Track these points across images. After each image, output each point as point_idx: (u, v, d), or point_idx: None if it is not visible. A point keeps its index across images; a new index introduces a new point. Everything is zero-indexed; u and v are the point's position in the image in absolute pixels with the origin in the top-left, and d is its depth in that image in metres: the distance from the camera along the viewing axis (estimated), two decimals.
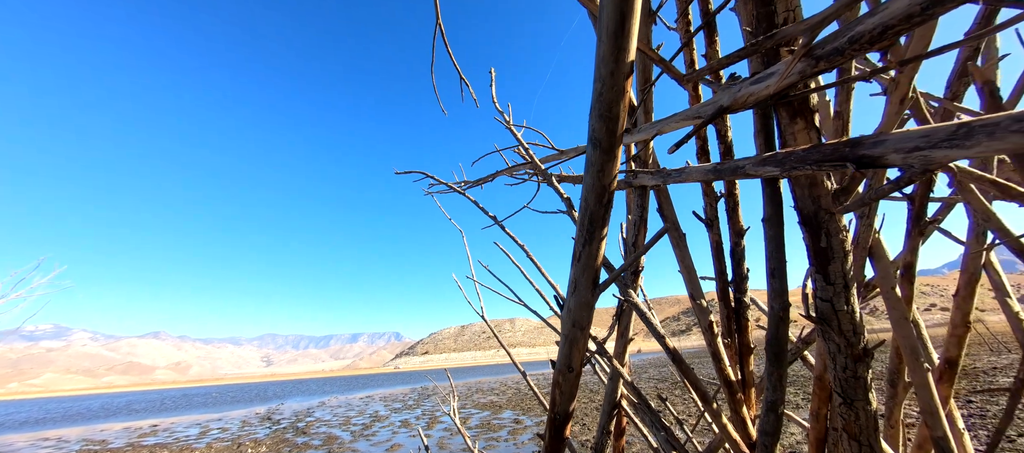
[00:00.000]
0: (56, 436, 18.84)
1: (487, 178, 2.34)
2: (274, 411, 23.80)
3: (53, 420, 29.42)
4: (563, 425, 0.89)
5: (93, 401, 64.00)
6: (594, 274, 0.68)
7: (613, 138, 0.55)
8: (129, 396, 78.50)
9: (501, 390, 27.06)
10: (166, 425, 20.47)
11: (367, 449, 10.84)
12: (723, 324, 1.33)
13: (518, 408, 16.95)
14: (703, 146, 1.22)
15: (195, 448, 12.65)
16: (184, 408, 32.87)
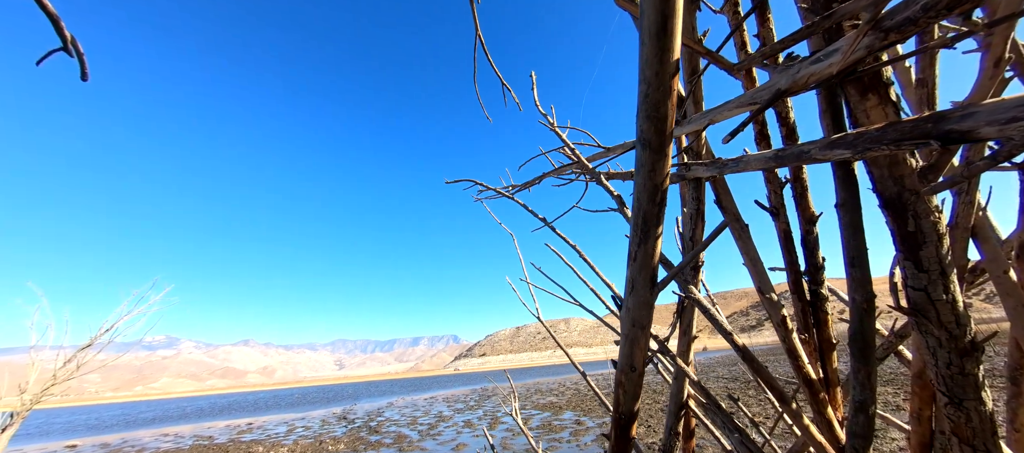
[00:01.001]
0: (173, 432, 21.81)
1: (534, 181, 2.37)
2: (349, 411, 25.63)
3: (170, 418, 34.09)
4: (628, 425, 0.89)
5: (200, 401, 73.13)
6: (652, 272, 0.68)
7: (662, 137, 0.55)
8: (228, 397, 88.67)
9: (560, 391, 26.88)
10: (259, 423, 22.86)
11: (434, 448, 11.30)
12: (798, 318, 1.24)
13: (578, 409, 16.73)
14: (762, 131, 1.15)
15: (284, 444, 13.99)
16: (273, 408, 36.48)
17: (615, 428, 0.91)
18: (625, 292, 0.74)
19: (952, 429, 0.86)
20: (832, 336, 1.23)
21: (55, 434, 26.94)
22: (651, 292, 0.69)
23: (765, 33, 1.06)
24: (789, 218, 1.20)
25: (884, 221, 0.77)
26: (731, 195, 1.17)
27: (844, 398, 1.32)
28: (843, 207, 0.77)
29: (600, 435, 10.72)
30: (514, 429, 12.96)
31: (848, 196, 0.77)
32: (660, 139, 0.55)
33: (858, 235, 0.77)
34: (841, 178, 0.77)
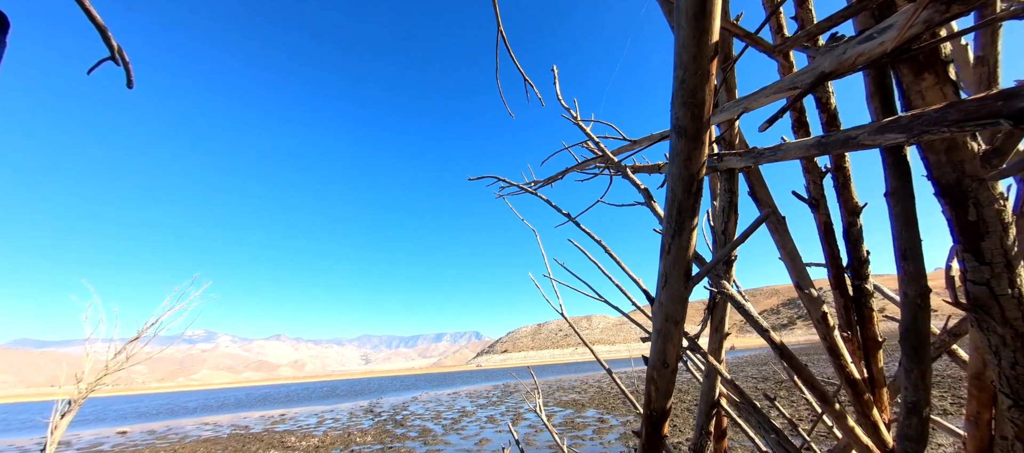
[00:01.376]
0: (213, 422, 23.00)
1: (557, 176, 2.35)
2: (375, 405, 26.33)
3: (209, 408, 35.94)
4: (660, 422, 0.87)
5: (237, 393, 76.79)
6: (686, 266, 0.65)
7: (699, 124, 0.53)
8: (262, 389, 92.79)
9: (582, 388, 26.73)
10: (291, 414, 23.79)
11: (458, 442, 11.45)
12: (840, 315, 1.18)
13: (601, 407, 16.58)
14: (800, 119, 1.09)
15: (314, 435, 14.52)
16: (304, 400, 37.87)
17: (646, 425, 0.89)
18: (657, 286, 0.72)
19: (1016, 434, 0.80)
20: (877, 334, 1.17)
21: (108, 421, 28.89)
22: (685, 286, 0.67)
23: (804, 15, 1.00)
24: (830, 210, 1.14)
25: (940, 210, 0.72)
26: (766, 186, 1.12)
27: (890, 399, 1.25)
28: (894, 196, 0.72)
29: (629, 432, 10.60)
30: (537, 425, 12.98)
31: (900, 184, 0.72)
32: (697, 126, 0.53)
33: (911, 226, 0.72)
34: (892, 165, 0.72)
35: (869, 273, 1.14)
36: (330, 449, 11.56)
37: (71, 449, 15.23)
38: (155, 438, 17.14)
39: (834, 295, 1.20)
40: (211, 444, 14.26)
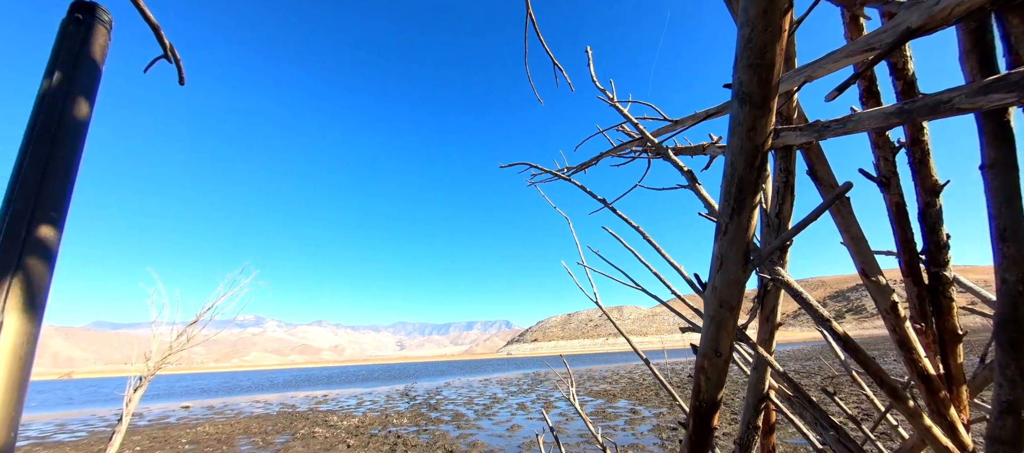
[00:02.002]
0: (263, 400, 24.71)
1: (591, 161, 2.28)
2: (410, 388, 27.33)
3: (260, 388, 38.65)
4: (710, 414, 0.83)
5: (284, 374, 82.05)
6: (744, 248, 0.60)
7: (767, 89, 0.48)
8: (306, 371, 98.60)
9: (614, 379, 26.50)
10: (333, 395, 25.14)
11: (490, 427, 11.69)
12: (913, 305, 1.07)
13: (633, 397, 16.37)
14: (870, 88, 0.98)
15: (355, 415, 15.29)
16: (344, 383, 39.90)
17: (694, 416, 0.85)
18: (711, 270, 0.67)
19: None
20: (957, 326, 1.05)
21: (173, 396, 31.73)
22: (743, 270, 0.62)
23: None
24: (902, 189, 1.02)
25: None
26: (828, 164, 1.02)
27: (969, 398, 1.13)
28: (993, 168, 0.63)
29: (662, 425, 10.42)
30: (568, 413, 13.02)
31: (1000, 155, 0.63)
32: (764, 91, 0.48)
33: (1013, 202, 0.63)
34: (991, 133, 0.63)
35: (949, 259, 1.03)
36: (369, 429, 12.13)
37: (143, 420, 16.86)
38: (214, 413, 18.64)
39: (906, 284, 1.09)
40: (263, 420, 15.34)
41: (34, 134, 0.64)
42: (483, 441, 9.83)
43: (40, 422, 18.22)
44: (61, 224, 0.64)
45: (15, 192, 0.60)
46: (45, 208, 0.61)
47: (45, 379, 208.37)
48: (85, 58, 0.77)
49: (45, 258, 0.61)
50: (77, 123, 0.69)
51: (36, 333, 0.60)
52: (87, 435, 13.94)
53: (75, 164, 0.67)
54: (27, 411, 24.26)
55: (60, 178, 0.64)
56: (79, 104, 0.70)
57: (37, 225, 0.61)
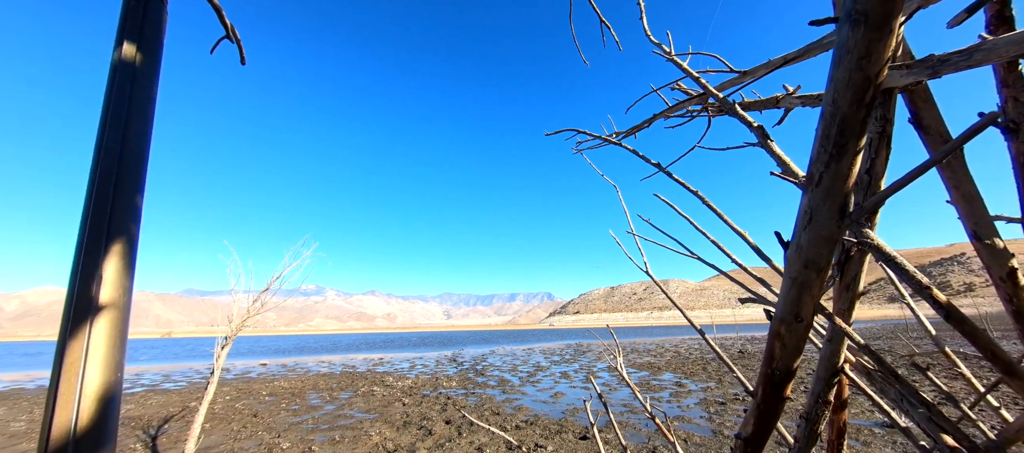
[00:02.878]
0: (327, 360, 27.16)
1: (643, 124, 2.16)
2: (458, 355, 28.75)
3: (324, 350, 42.43)
4: (783, 383, 0.78)
5: (344, 339, 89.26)
6: (842, 200, 0.53)
7: (890, 4, 0.40)
8: (363, 337, 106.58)
9: (658, 352, 26.12)
10: (388, 359, 27.06)
11: (533, 393, 12.07)
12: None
13: (679, 371, 16.08)
14: (1000, 12, 0.81)
15: (408, 377, 16.41)
16: (398, 347, 42.70)
17: (765, 384, 0.80)
18: (796, 227, 0.61)
19: None
20: None
21: (253, 355, 35.74)
22: (838, 226, 0.55)
23: None
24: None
25: None
26: (938, 110, 0.88)
27: None
28: None
29: (710, 399, 10.19)
30: (611, 384, 13.09)
31: None
32: (886, 7, 0.40)
33: None
34: None
35: None
36: (421, 390, 12.98)
37: (229, 374, 19.21)
38: (287, 370, 20.82)
39: None
40: (328, 378, 16.91)
41: (112, 100, 0.69)
42: (528, 406, 10.19)
43: (150, 373, 21.36)
44: (142, 183, 0.70)
45: (100, 156, 0.66)
46: (127, 169, 0.67)
47: (151, 337, 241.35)
48: (148, 29, 0.82)
49: (132, 217, 0.68)
50: (147, 87, 0.74)
51: (131, 286, 0.67)
52: (187, 385, 16.18)
53: (149, 128, 0.73)
54: (139, 363, 28.33)
55: (138, 141, 0.69)
56: (147, 71, 0.75)
57: (122, 186, 0.67)
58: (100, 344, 0.53)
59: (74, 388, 0.49)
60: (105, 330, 0.54)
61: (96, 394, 0.50)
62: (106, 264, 0.57)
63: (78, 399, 0.49)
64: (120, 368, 0.56)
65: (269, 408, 10.69)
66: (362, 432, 7.87)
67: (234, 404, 11.30)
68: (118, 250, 0.59)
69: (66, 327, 0.51)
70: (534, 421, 8.43)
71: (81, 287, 0.53)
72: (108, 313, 0.56)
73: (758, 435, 0.82)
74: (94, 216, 0.59)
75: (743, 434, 0.81)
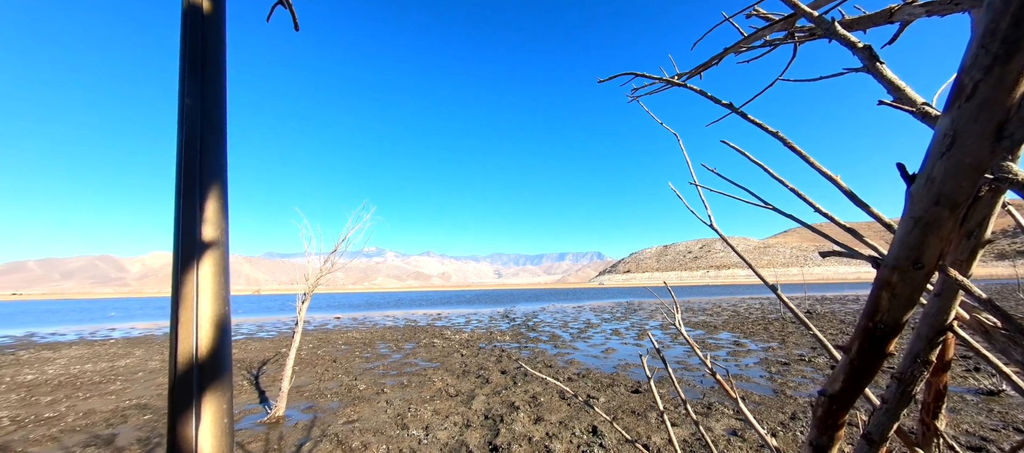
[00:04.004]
0: (392, 315, 29.55)
1: (713, 60, 1.94)
2: (510, 311, 29.88)
3: (388, 305, 46.09)
4: (886, 338, 0.69)
5: (405, 296, 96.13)
6: (1000, 117, 0.43)
7: None
8: (421, 294, 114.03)
9: (714, 311, 25.22)
10: (445, 314, 28.82)
11: (585, 348, 12.32)
12: None
13: (738, 330, 15.48)
14: None
15: (465, 331, 17.44)
16: (454, 304, 45.20)
17: (863, 339, 0.72)
18: (929, 155, 0.51)
19: None
20: None
21: (328, 310, 39.77)
22: (992, 150, 0.45)
23: None
24: None
25: None
26: None
27: None
28: None
29: (771, 358, 9.78)
30: (663, 341, 12.96)
31: None
32: None
33: None
34: None
35: None
36: (477, 343, 13.77)
37: (310, 326, 21.63)
38: (357, 323, 23.01)
39: None
40: (393, 331, 18.47)
41: (186, 47, 0.73)
42: (579, 360, 10.45)
43: (247, 324, 24.68)
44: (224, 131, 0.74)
45: (184, 105, 0.71)
46: (210, 119, 0.71)
47: (244, 294, 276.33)
48: None
49: (219, 164, 0.72)
50: (217, 34, 0.77)
51: (227, 226, 0.73)
52: (277, 334, 18.53)
53: (223, 75, 0.76)
54: (237, 316, 32.65)
55: (215, 90, 0.73)
56: (215, 19, 0.78)
57: (207, 136, 0.72)
58: (208, 279, 0.59)
59: (191, 318, 0.56)
60: (211, 266, 0.60)
61: (211, 322, 0.57)
62: (206, 205, 0.62)
63: (196, 327, 0.55)
64: (227, 302, 0.63)
65: (345, 355, 11.99)
66: (426, 378, 8.59)
67: (316, 351, 12.81)
68: (213, 193, 0.65)
69: (177, 266, 0.57)
70: (586, 374, 8.65)
71: (185, 228, 0.59)
72: (212, 251, 0.61)
73: (847, 393, 0.75)
74: (186, 164, 0.64)
75: (829, 391, 0.75)
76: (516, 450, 4.78)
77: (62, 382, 9.31)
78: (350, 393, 7.66)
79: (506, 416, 5.97)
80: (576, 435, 5.22)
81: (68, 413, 6.86)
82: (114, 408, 7.10)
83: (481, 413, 6.20)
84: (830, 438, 0.72)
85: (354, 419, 6.11)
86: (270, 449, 5.03)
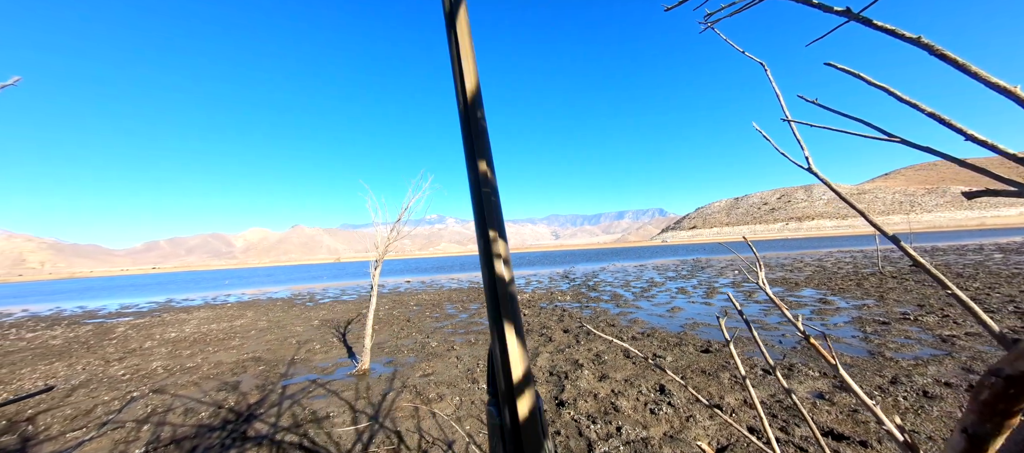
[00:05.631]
0: (456, 278, 31.17)
1: None
2: (570, 272, 29.97)
3: (452, 269, 48.60)
4: None
5: (467, 260, 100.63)
6: None
7: None
8: None
9: (795, 267, 23.05)
10: None
11: (648, 308, 12.02)
12: None
13: (824, 286, 14.05)
14: None
15: (525, 292, 17.88)
16: (514, 266, 46.49)
17: None
18: None
19: None
20: None
21: (400, 274, 42.99)
22: None
23: None
24: None
25: None
26: None
27: None
28: None
29: (866, 317, 8.77)
30: (735, 300, 12.19)
31: None
32: None
33: None
34: None
35: None
36: (539, 303, 14.06)
37: (384, 289, 23.59)
38: (426, 286, 24.64)
39: None
40: (459, 292, 19.51)
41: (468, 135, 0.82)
42: (643, 319, 10.24)
43: (333, 288, 27.60)
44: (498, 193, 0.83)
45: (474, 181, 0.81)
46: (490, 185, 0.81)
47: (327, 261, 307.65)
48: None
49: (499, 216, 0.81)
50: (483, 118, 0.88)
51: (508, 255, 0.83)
52: (357, 297, 20.50)
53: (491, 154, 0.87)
54: (321, 281, 36.71)
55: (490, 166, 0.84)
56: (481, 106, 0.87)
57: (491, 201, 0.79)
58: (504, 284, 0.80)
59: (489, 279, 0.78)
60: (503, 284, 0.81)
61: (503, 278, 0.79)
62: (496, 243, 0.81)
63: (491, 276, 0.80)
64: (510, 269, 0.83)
65: (417, 315, 12.95)
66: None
67: (391, 312, 13.99)
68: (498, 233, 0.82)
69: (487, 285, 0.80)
70: (651, 333, 8.47)
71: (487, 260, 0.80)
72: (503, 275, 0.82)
73: None
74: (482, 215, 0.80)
75: (1009, 371, 0.58)
76: (582, 406, 4.88)
77: (196, 339, 11.24)
78: (424, 349, 8.30)
79: (570, 373, 6.09)
80: (643, 393, 5.18)
81: (202, 364, 8.30)
82: (236, 360, 8.44)
83: (545, 370, 6.38)
84: (997, 427, 0.56)
85: (429, 373, 6.63)
86: (360, 397, 5.66)
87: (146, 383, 7.11)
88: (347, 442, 4.30)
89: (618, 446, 3.89)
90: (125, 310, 20.52)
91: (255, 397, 5.99)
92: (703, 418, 4.45)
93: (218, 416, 5.32)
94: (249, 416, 5.23)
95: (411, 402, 5.33)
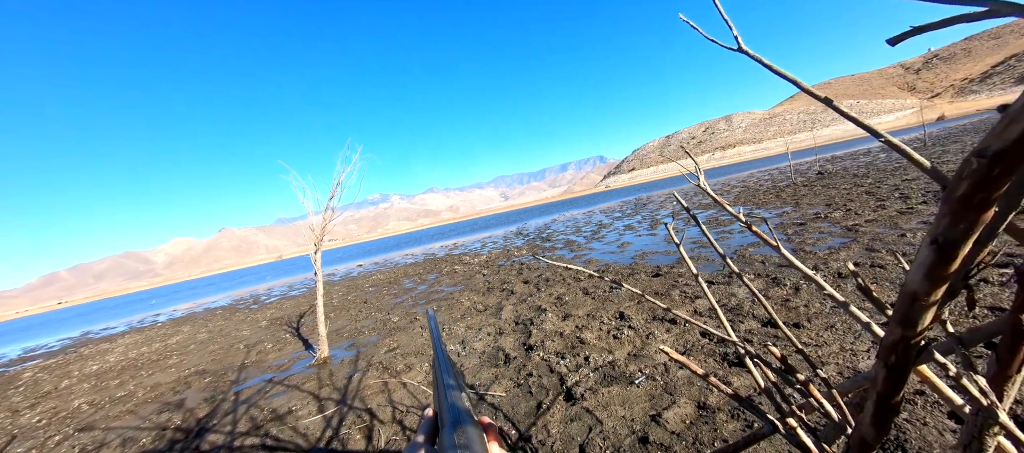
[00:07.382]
0: (410, 253, 30.40)
1: None
2: (523, 229, 30.36)
3: (405, 245, 47.30)
4: None
5: (419, 234, 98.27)
6: None
7: None
8: (435, 229, 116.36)
9: (723, 190, 25.12)
10: (461, 243, 29.48)
11: (600, 247, 12.54)
12: None
13: (749, 202, 15.46)
14: None
15: (482, 254, 17.88)
16: (468, 232, 46.07)
17: None
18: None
19: None
20: None
21: (351, 260, 41.05)
22: None
23: None
24: None
25: None
26: None
27: None
28: None
29: (787, 222, 9.79)
30: (675, 228, 13.08)
31: None
32: None
33: None
34: None
35: None
36: (496, 261, 14.13)
37: (337, 277, 22.45)
38: (379, 266, 23.78)
39: None
40: (415, 266, 19.06)
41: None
42: (597, 258, 10.67)
43: (278, 286, 25.77)
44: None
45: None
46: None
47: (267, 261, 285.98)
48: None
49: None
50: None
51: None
52: (306, 291, 19.34)
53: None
54: (265, 281, 34.07)
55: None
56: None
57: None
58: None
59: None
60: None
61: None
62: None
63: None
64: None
65: (374, 295, 12.50)
66: (454, 301, 8.93)
67: (346, 296, 13.37)
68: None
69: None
70: (606, 269, 8.86)
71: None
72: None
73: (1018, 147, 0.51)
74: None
75: (998, 146, 0.51)
76: (550, 346, 5.02)
77: (124, 366, 10.04)
78: (386, 326, 8.05)
79: (535, 318, 6.21)
80: (604, 323, 5.43)
81: (137, 390, 7.44)
82: (176, 378, 7.66)
83: (511, 320, 6.46)
84: (970, 226, 0.51)
85: (394, 347, 6.46)
86: (324, 385, 5.40)
87: (69, 423, 6.26)
88: (316, 430, 4.09)
89: (588, 374, 4.07)
90: (31, 353, 17.77)
91: (204, 410, 5.50)
92: (661, 333, 4.76)
93: (164, 438, 4.82)
94: (201, 430, 4.80)
95: (379, 378, 5.17)
